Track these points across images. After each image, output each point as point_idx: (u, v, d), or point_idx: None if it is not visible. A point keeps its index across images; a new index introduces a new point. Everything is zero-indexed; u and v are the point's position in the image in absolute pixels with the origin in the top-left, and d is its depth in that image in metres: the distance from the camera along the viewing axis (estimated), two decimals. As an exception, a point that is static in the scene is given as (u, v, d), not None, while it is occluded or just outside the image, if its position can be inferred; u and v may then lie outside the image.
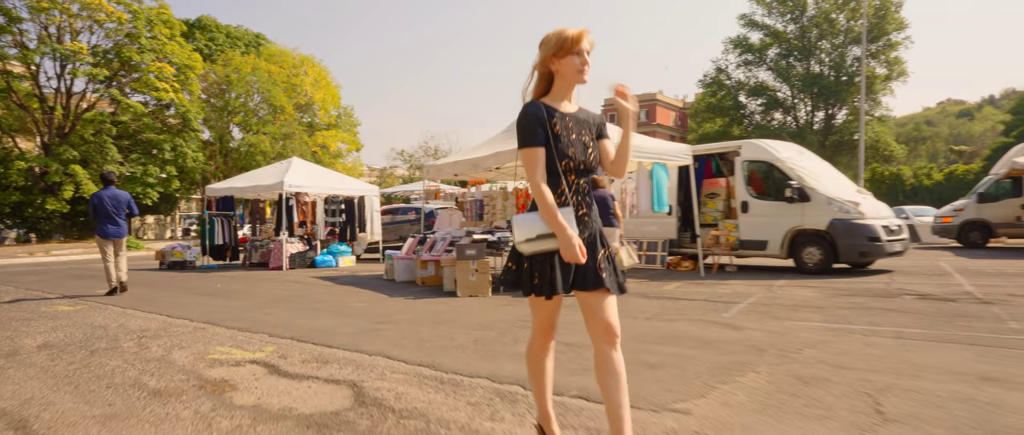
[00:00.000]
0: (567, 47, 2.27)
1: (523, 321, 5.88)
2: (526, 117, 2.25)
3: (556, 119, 2.26)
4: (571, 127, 2.30)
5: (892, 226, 9.88)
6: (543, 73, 2.34)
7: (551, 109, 2.29)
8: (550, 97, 2.35)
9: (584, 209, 2.33)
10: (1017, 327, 5.15)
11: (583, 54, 2.29)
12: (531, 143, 2.23)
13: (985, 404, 3.10)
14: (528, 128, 2.24)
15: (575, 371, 3.89)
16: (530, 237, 2.22)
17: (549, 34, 2.32)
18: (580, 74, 2.29)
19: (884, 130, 46.65)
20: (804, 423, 2.86)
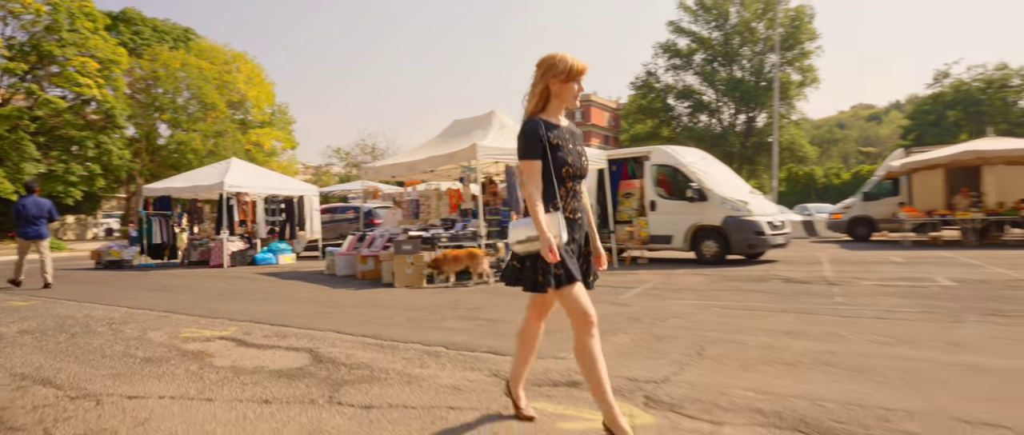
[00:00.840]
0: (572, 74, 2.56)
1: (451, 305, 6.94)
2: (528, 133, 2.52)
3: (554, 134, 2.55)
4: (566, 138, 2.61)
5: (775, 222, 11.50)
6: (544, 92, 2.60)
7: (549, 124, 2.57)
8: (546, 113, 2.61)
9: (575, 210, 2.63)
10: (840, 301, 6.62)
11: (582, 83, 2.60)
12: (532, 156, 2.51)
13: (778, 348, 4.39)
14: (530, 143, 2.51)
15: (487, 336, 4.98)
16: (521, 239, 2.53)
17: (554, 58, 2.57)
18: (574, 100, 2.60)
19: (799, 133, 50.26)
20: (643, 361, 4.05)
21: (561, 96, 2.58)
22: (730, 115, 51.51)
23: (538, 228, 2.41)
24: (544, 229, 2.41)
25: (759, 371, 3.73)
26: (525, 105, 2.65)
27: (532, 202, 2.47)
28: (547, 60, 2.56)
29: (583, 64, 2.54)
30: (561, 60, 2.54)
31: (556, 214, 2.50)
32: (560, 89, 2.57)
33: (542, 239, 2.40)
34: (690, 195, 11.54)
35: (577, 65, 2.54)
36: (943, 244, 15.54)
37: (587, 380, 2.62)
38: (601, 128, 73.26)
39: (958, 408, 2.94)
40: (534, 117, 2.58)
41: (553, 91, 2.58)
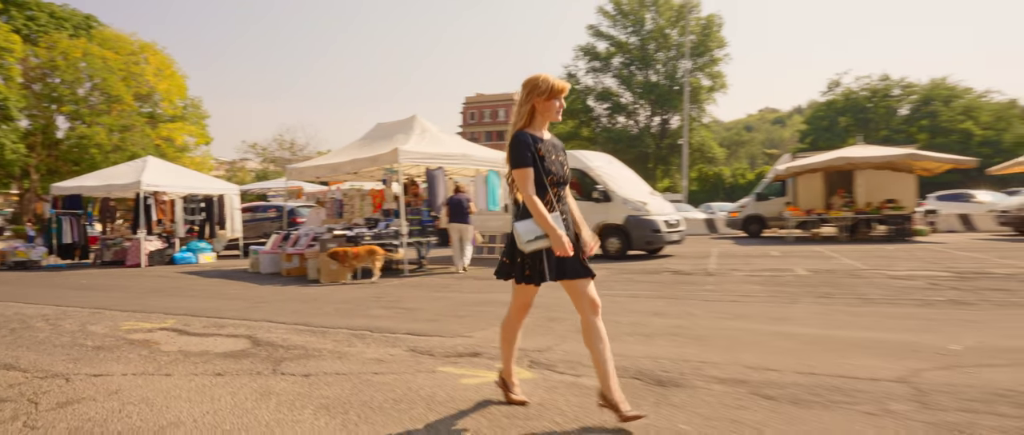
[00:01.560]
0: (554, 93, 2.87)
1: (375, 298, 7.70)
2: (519, 144, 2.81)
3: (541, 145, 2.86)
4: (550, 150, 2.92)
5: (671, 221, 12.89)
6: (530, 110, 2.91)
7: (536, 137, 2.87)
8: (532, 128, 2.92)
9: (565, 213, 2.94)
10: (710, 288, 7.88)
11: (562, 100, 2.91)
12: (523, 164, 2.80)
13: (643, 325, 5.45)
14: (521, 153, 2.80)
15: (407, 321, 5.82)
16: (531, 238, 2.78)
17: (537, 79, 2.88)
18: (557, 115, 2.93)
19: (709, 135, 53.59)
20: (535, 337, 4.99)
21: (545, 112, 2.90)
22: (646, 117, 54.20)
23: (548, 228, 2.72)
24: (554, 228, 2.72)
25: (623, 341, 4.77)
26: (512, 121, 2.96)
27: (534, 205, 2.75)
28: (531, 81, 2.89)
29: (563, 84, 2.90)
30: (544, 81, 2.87)
31: (555, 214, 2.79)
32: (544, 106, 2.89)
33: (554, 237, 2.72)
34: (596, 196, 12.74)
35: (557, 85, 2.88)
36: (821, 239, 17.62)
37: (591, 353, 2.99)
38: (525, 127, 74.84)
39: (753, 360, 4.06)
40: (522, 130, 2.88)
41: (538, 108, 2.89)
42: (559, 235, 2.72)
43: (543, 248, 2.80)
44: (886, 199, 18.09)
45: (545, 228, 2.73)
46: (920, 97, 46.23)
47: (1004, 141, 42.18)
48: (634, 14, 52.22)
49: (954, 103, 44.58)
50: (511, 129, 2.94)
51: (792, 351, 4.33)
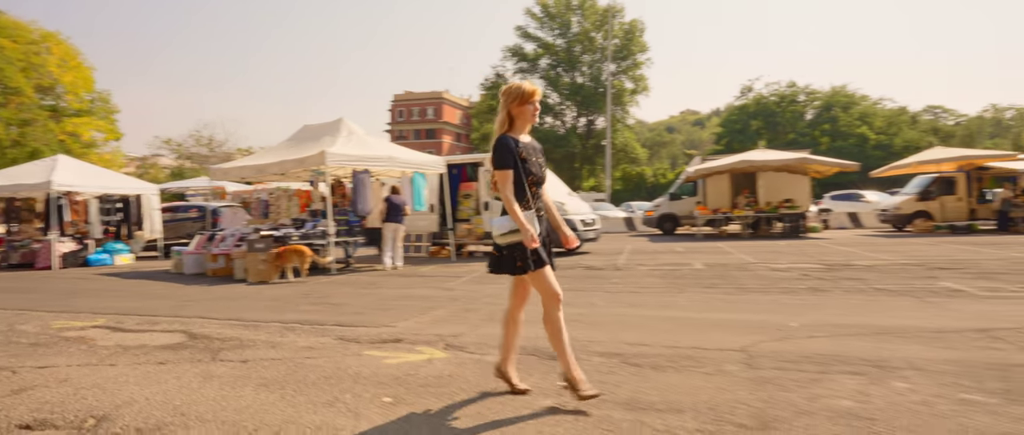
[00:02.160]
0: (525, 98, 3.16)
1: (303, 295, 8.14)
2: (502, 148, 3.10)
3: (521, 148, 3.15)
4: (530, 153, 3.21)
5: (587, 220, 13.86)
6: (508, 116, 3.20)
7: (517, 141, 3.15)
8: (513, 131, 3.20)
9: (541, 209, 3.26)
10: (615, 281, 8.79)
11: (536, 103, 3.18)
12: (505, 166, 3.09)
13: (548, 313, 6.20)
14: (503, 156, 3.09)
15: (334, 315, 6.35)
16: (504, 232, 3.15)
17: (511, 87, 3.20)
18: (533, 117, 3.22)
19: (632, 136, 55.85)
20: (451, 325, 5.66)
21: (521, 116, 3.19)
22: (572, 118, 55.85)
23: (519, 223, 3.02)
24: (524, 223, 3.02)
25: (527, 327, 5.50)
26: (495, 127, 3.25)
27: (510, 203, 3.07)
28: (506, 89, 3.20)
29: (533, 88, 3.19)
30: (516, 88, 3.17)
31: (530, 212, 3.11)
32: (519, 111, 3.18)
33: (524, 231, 3.02)
34: (518, 197, 13.52)
35: (527, 89, 3.17)
36: (727, 236, 19.17)
37: (552, 343, 3.32)
38: (453, 126, 75.17)
39: (632, 338, 4.89)
40: (505, 135, 3.16)
41: (514, 113, 3.18)
42: (528, 230, 3.03)
43: (516, 242, 3.12)
44: (784, 199, 19.85)
45: (518, 224, 3.05)
46: (822, 103, 49.95)
47: (895, 145, 46.37)
48: (560, 17, 53.69)
49: (852, 109, 48.52)
50: (494, 134, 3.23)
51: (667, 330, 5.21)
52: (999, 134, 61.95)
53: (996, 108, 72.34)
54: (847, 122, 47.59)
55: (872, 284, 7.68)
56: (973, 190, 18.91)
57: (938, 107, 77.99)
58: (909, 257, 10.92)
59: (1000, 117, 70.62)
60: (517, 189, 3.13)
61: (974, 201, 18.84)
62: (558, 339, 3.34)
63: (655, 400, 3.36)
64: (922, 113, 71.18)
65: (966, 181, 18.92)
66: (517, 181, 3.13)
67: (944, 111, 77.86)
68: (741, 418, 3.00)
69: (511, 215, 3.09)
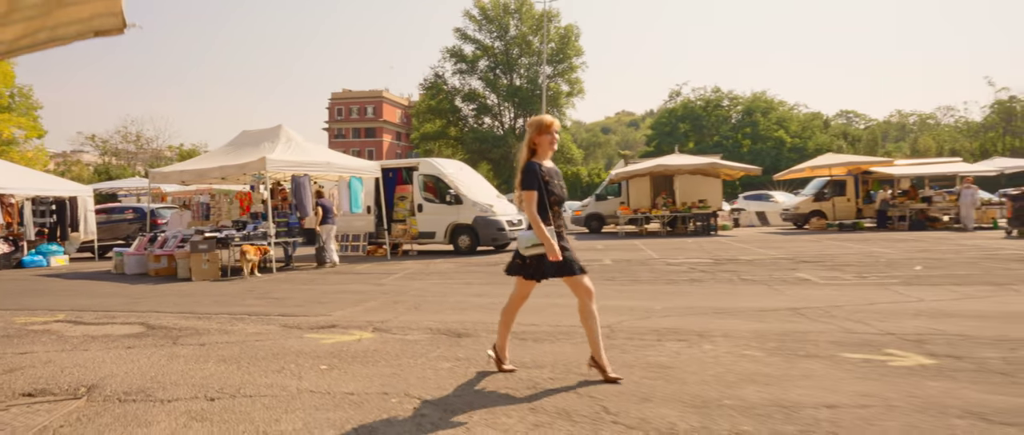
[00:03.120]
0: (544, 129, 3.78)
1: (247, 291, 8.93)
2: (529, 172, 3.69)
3: (545, 172, 3.73)
4: (552, 176, 3.80)
5: (513, 220, 15.02)
6: (531, 144, 3.82)
7: (541, 166, 3.74)
8: (537, 158, 3.81)
9: (560, 225, 3.81)
10: (530, 276, 9.94)
11: (553, 133, 3.79)
12: (531, 188, 3.67)
13: (464, 303, 7.29)
14: (530, 179, 3.67)
15: (278, 307, 7.24)
16: (529, 246, 3.69)
17: (534, 119, 3.83)
18: (552, 146, 3.83)
19: (567, 137, 57.62)
20: (379, 313, 6.65)
21: (542, 145, 3.80)
22: (510, 119, 57.15)
23: (544, 238, 3.60)
24: (549, 238, 3.59)
25: (445, 313, 6.58)
26: (519, 154, 3.88)
27: (536, 221, 3.62)
28: (530, 122, 3.85)
29: (551, 121, 3.82)
30: (538, 120, 3.82)
31: (551, 228, 3.65)
32: (540, 140, 3.79)
33: (548, 246, 3.59)
34: (449, 199, 14.57)
35: (546, 121, 3.80)
36: (647, 234, 20.77)
37: (587, 332, 3.85)
38: (393, 124, 75.19)
39: (526, 321, 6.02)
40: (531, 161, 3.76)
41: (536, 142, 3.79)
42: (552, 244, 3.59)
43: (539, 254, 3.68)
44: (698, 199, 21.64)
45: (541, 239, 3.61)
46: (744, 108, 53.05)
47: (808, 147, 49.82)
48: (498, 20, 54.84)
49: (770, 114, 51.77)
50: (521, 160, 3.82)
51: (557, 315, 6.38)
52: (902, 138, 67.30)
53: (901, 113, 78.37)
54: (766, 126, 50.78)
55: (741, 275, 9.14)
56: (860, 192, 21.22)
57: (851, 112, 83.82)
58: (787, 252, 12.60)
59: (904, 122, 76.58)
60: (541, 208, 3.69)
61: (861, 202, 21.15)
62: (507, 326, 4.18)
63: (527, 360, 4.50)
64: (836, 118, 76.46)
65: (854, 184, 21.20)
66: (541, 201, 3.68)
67: (856, 116, 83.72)
68: (583, 368, 4.17)
69: (536, 231, 3.64)
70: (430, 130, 58.45)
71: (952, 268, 9.13)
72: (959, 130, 52.88)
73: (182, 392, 3.94)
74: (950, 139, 48.57)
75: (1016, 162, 20.94)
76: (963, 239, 14.39)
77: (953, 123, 60.04)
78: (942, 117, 68.16)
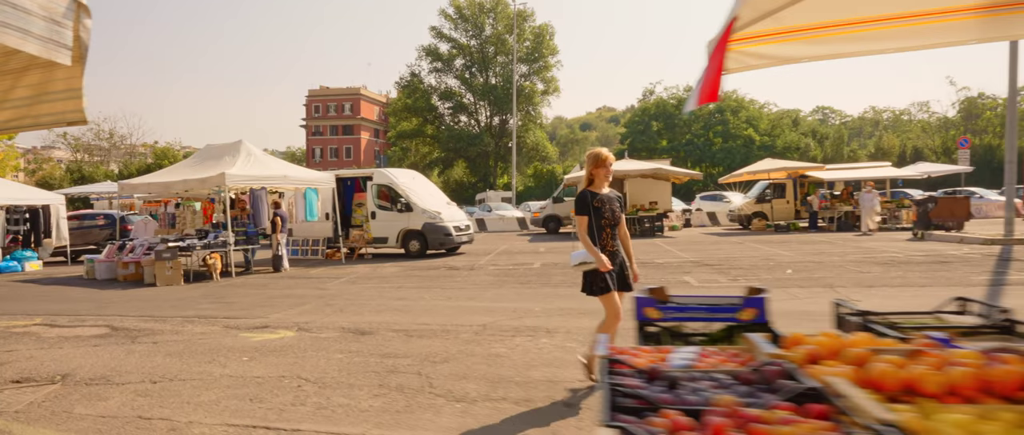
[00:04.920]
0: (600, 163, 4.43)
1: (204, 296, 10.36)
2: (581, 201, 4.40)
3: (598, 200, 4.40)
4: (606, 202, 4.43)
5: (461, 226, 16.52)
6: (590, 175, 4.50)
7: (594, 194, 4.42)
8: (594, 187, 4.47)
9: (613, 245, 4.45)
10: (458, 280, 11.44)
11: (609, 167, 4.43)
12: (582, 213, 4.39)
13: (386, 304, 8.77)
14: (580, 207, 4.38)
15: (226, 310, 8.68)
16: (577, 263, 4.40)
17: (592, 153, 4.47)
18: (607, 178, 4.46)
19: (543, 135, 59.15)
20: (310, 315, 8.10)
21: (598, 176, 4.47)
22: (486, 117, 58.60)
23: (595, 255, 4.27)
24: (598, 253, 4.28)
25: (364, 315, 8.06)
26: (581, 183, 4.60)
27: (586, 240, 4.34)
28: (588, 155, 4.51)
29: (607, 155, 4.44)
30: (595, 154, 4.46)
31: (598, 246, 4.35)
32: (596, 172, 4.46)
33: (598, 260, 4.25)
34: (400, 207, 16.04)
35: (602, 156, 4.44)
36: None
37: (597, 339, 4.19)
38: (371, 122, 76.25)
39: (425, 320, 7.51)
40: (585, 189, 4.45)
41: (593, 174, 4.47)
42: (601, 257, 4.27)
43: (591, 269, 4.35)
44: (650, 201, 23.24)
45: (592, 255, 4.30)
46: (715, 106, 54.78)
47: (777, 145, 51.75)
48: (474, 19, 56.16)
49: (740, 113, 53.59)
50: (580, 188, 4.55)
51: (451, 315, 7.88)
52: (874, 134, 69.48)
53: (875, 110, 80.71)
54: (735, 125, 52.61)
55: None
56: (798, 194, 22.94)
57: (827, 107, 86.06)
58: (702, 255, 14.20)
59: (879, 118, 78.93)
60: (591, 230, 4.39)
61: (798, 204, 22.87)
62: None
63: (399, 351, 5.99)
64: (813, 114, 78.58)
65: (793, 187, 22.92)
66: (596, 224, 4.39)
67: (832, 111, 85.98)
68: (439, 359, 5.66)
69: (587, 249, 4.33)
70: (407, 128, 59.77)
71: (819, 271, 10.75)
72: (923, 128, 55.05)
73: (133, 377, 5.39)
74: (915, 137, 50.66)
75: (940, 167, 22.73)
76: (865, 242, 16.05)
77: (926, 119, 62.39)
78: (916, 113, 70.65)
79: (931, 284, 8.95)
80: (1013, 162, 14.13)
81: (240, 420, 4.26)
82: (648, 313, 2.76)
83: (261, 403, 4.60)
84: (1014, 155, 14.19)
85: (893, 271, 10.37)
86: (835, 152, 51.26)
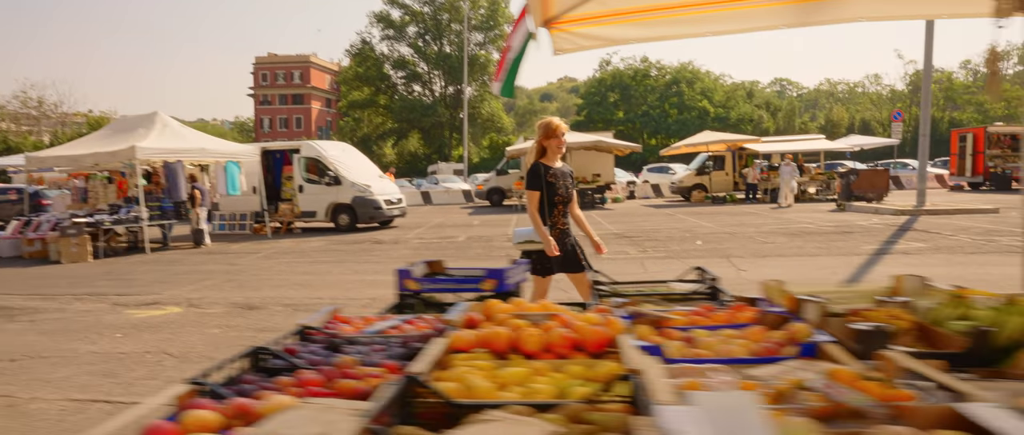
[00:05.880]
0: (552, 133, 4.00)
1: (105, 273, 10.27)
2: (533, 174, 3.99)
3: (551, 174, 4.01)
4: (558, 177, 4.04)
5: (392, 199, 16.57)
6: (540, 146, 4.06)
7: (547, 167, 4.02)
8: (546, 159, 4.05)
9: (565, 223, 4.09)
10: (378, 253, 11.55)
11: (561, 137, 4.01)
12: (533, 188, 3.99)
13: (295, 279, 8.85)
14: (532, 180, 3.99)
15: (120, 288, 8.66)
16: (521, 241, 4.09)
17: (543, 122, 4.06)
18: (559, 147, 4.03)
19: (498, 106, 59.05)
20: (202, 291, 8.16)
21: (551, 148, 4.04)
22: (441, 87, 58.09)
23: (543, 237, 3.93)
24: (547, 238, 3.92)
25: (263, 290, 8.14)
26: (528, 156, 4.13)
27: (535, 219, 3.97)
28: (539, 125, 4.09)
29: (558, 124, 4.05)
30: (546, 123, 4.07)
31: (547, 227, 3.97)
32: (548, 143, 4.03)
33: (546, 244, 3.91)
34: (327, 180, 15.99)
35: (553, 125, 4.04)
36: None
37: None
38: (322, 91, 74.81)
39: (309, 295, 7.64)
40: (536, 162, 4.04)
41: (545, 145, 4.04)
42: (549, 241, 3.93)
43: (537, 250, 3.99)
44: (593, 173, 23.58)
45: (540, 236, 3.96)
46: (671, 78, 55.43)
47: (731, 117, 52.76)
48: (426, -16, 55.27)
49: (695, 84, 54.32)
50: (529, 161, 4.11)
51: (353, 288, 8.03)
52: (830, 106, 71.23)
53: (830, 82, 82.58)
54: (691, 96, 53.35)
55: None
56: (737, 167, 23.58)
57: (785, 79, 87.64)
58: (629, 226, 14.60)
59: (834, 90, 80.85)
60: (548, 207, 4.03)
61: (737, 176, 23.52)
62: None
63: (280, 326, 6.14)
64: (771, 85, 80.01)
65: (732, 159, 23.53)
66: (548, 200, 4.02)
67: (789, 83, 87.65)
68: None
69: (535, 228, 4.00)
70: (358, 98, 58.89)
71: (728, 242, 11.21)
72: (872, 101, 56.73)
73: (-7, 355, 5.43)
74: (863, 109, 52.21)
75: (871, 139, 23.59)
76: (786, 213, 16.68)
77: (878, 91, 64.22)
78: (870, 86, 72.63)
79: (821, 254, 9.46)
80: (926, 135, 14.81)
81: (84, 395, 4.37)
82: (407, 284, 2.96)
83: (113, 378, 4.70)
84: (928, 129, 14.86)
85: (796, 242, 10.89)
86: (787, 124, 52.53)
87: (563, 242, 4.05)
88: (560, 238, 4.03)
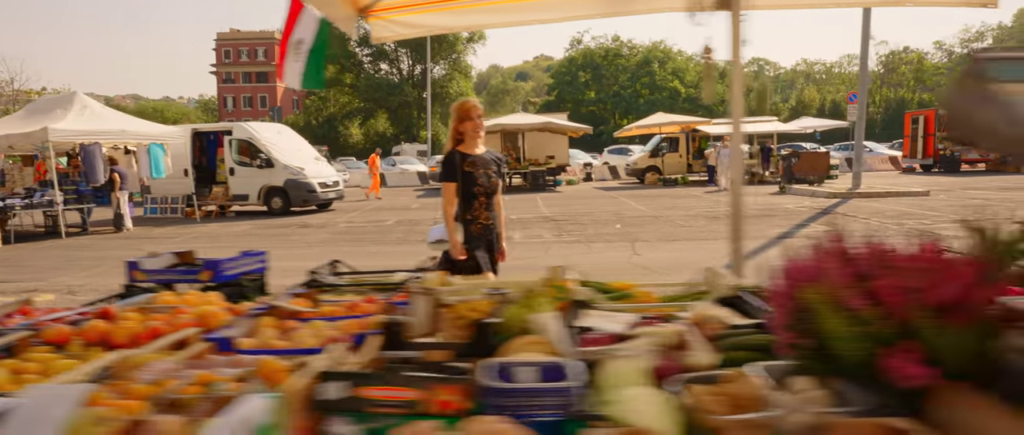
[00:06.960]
0: (466, 115, 3.53)
1: (2, 262, 10.15)
2: (447, 162, 3.53)
3: (469, 162, 3.51)
4: (479, 165, 3.54)
5: (328, 182, 16.51)
6: (456, 131, 3.59)
7: (465, 155, 3.53)
8: (464, 147, 3.57)
9: (488, 217, 3.59)
10: (297, 238, 11.54)
11: (477, 118, 3.53)
12: (449, 179, 3.51)
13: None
14: (447, 170, 3.52)
15: (10, 275, 8.58)
16: (433, 240, 3.62)
17: (456, 105, 3.63)
18: (477, 131, 3.54)
19: (468, 84, 58.68)
20: (91, 278, 8.12)
21: (468, 131, 3.55)
22: (408, 66, 57.61)
23: (450, 237, 3.49)
24: (454, 238, 3.47)
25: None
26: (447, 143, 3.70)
27: (447, 216, 3.52)
28: (454, 107, 3.67)
29: (472, 104, 3.59)
30: (458, 107, 3.63)
31: (460, 225, 3.52)
32: (464, 127, 3.55)
33: (452, 245, 3.48)
34: (259, 163, 15.88)
35: (465, 106, 3.58)
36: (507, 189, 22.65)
37: None
38: (288, 69, 73.75)
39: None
40: (452, 150, 3.57)
41: (461, 129, 3.56)
42: (455, 241, 3.49)
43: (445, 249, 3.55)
44: (547, 155, 23.66)
45: (450, 236, 3.50)
46: (642, 57, 55.51)
47: (703, 97, 53.04)
48: (392, -41, 54.50)
49: (668, 64, 54.47)
50: (446, 148, 3.68)
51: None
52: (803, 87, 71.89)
53: (807, 63, 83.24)
54: (662, 76, 53.51)
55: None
56: (691, 149, 23.78)
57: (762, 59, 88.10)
58: (564, 210, 14.71)
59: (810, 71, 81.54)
60: (466, 198, 3.56)
61: (691, 158, 23.73)
62: None
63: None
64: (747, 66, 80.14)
65: (686, 141, 23.72)
66: (466, 192, 3.55)
67: (767, 63, 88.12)
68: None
69: (446, 225, 3.55)
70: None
71: (648, 225, 11.37)
72: (843, 82, 57.35)
73: None
74: (834, 90, 52.78)
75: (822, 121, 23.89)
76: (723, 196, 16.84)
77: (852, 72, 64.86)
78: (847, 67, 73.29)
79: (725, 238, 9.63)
80: (862, 118, 15.05)
81: None
82: (135, 276, 3.01)
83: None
84: (863, 111, 15.10)
85: (714, 225, 11.06)
86: (759, 105, 52.95)
87: (487, 236, 3.63)
88: (483, 234, 3.60)
